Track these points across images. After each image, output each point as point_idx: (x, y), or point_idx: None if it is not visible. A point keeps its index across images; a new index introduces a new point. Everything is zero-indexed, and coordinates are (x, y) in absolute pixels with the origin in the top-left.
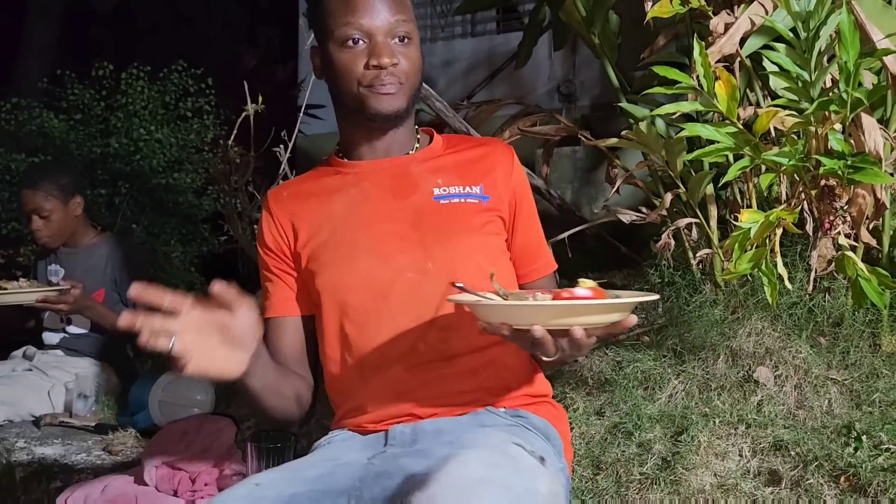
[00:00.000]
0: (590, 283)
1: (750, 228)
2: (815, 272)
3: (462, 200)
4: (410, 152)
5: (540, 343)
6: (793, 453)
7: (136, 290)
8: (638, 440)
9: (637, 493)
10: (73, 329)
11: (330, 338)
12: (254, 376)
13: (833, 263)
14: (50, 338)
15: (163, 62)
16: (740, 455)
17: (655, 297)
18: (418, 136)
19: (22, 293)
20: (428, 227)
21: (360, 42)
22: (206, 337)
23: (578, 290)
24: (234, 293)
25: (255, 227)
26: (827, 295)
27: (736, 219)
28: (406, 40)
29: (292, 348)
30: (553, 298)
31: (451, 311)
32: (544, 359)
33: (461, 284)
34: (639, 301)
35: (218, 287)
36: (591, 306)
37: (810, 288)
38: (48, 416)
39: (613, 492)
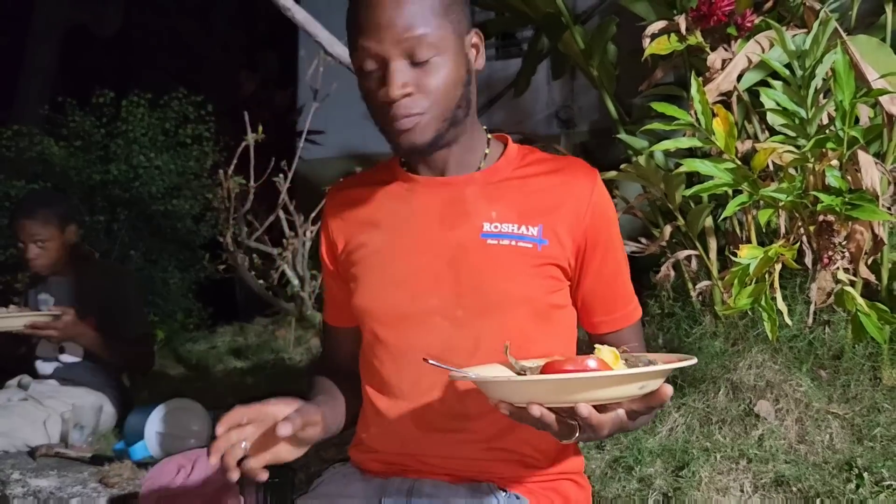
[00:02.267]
0: (607, 350)
1: (749, 264)
2: (815, 305)
3: (513, 243)
4: (475, 171)
5: (539, 423)
6: (794, 489)
7: (229, 421)
8: (639, 475)
9: None
10: (66, 358)
11: (361, 357)
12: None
13: (832, 296)
14: (44, 367)
15: (162, 88)
16: (742, 490)
17: (692, 361)
18: (488, 149)
19: (10, 318)
20: (467, 268)
21: (374, 69)
22: (271, 440)
23: (588, 361)
24: (301, 420)
25: (254, 256)
26: (827, 328)
27: (735, 252)
28: (427, 63)
29: (346, 354)
30: (546, 370)
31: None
32: (562, 441)
33: (512, 359)
34: (653, 371)
35: (285, 429)
36: (595, 379)
37: (810, 321)
38: (44, 447)
39: None
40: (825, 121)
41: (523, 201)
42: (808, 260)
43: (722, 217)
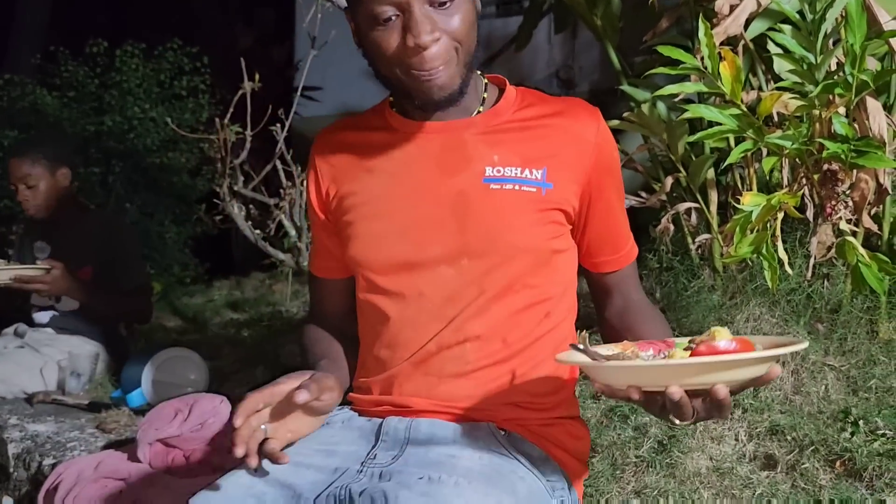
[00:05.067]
0: (724, 331)
1: (752, 212)
2: (815, 259)
3: (516, 187)
4: (473, 115)
5: (676, 407)
6: (789, 438)
7: (246, 409)
8: (634, 423)
9: (632, 476)
10: (62, 307)
11: (359, 305)
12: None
13: (832, 250)
14: (40, 317)
15: (157, 40)
16: (736, 439)
17: (805, 344)
18: (485, 92)
19: None
20: (470, 215)
21: (392, 17)
22: (289, 417)
23: (720, 343)
24: (316, 390)
25: (251, 207)
26: (826, 282)
27: (737, 203)
28: (448, 5)
29: (337, 307)
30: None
31: (480, 320)
32: (677, 422)
33: (580, 346)
34: (791, 350)
35: (303, 396)
36: (739, 361)
37: (809, 274)
38: (41, 394)
39: (609, 475)
40: (833, 67)
41: (525, 144)
42: (810, 213)
43: (726, 164)
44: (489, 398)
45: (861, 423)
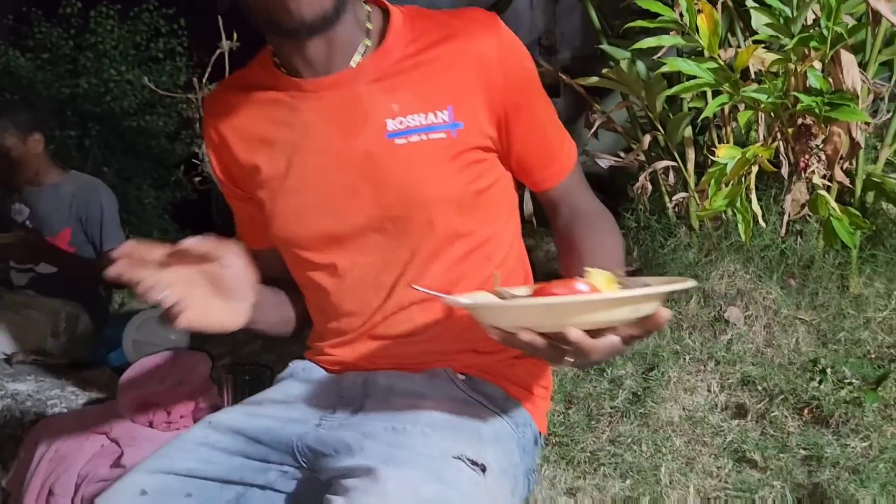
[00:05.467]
0: (598, 273)
1: (726, 164)
2: (789, 216)
3: (423, 137)
4: (357, 58)
5: (533, 348)
6: (759, 388)
7: (128, 246)
8: (610, 376)
9: (607, 426)
10: (41, 269)
11: (296, 280)
12: (257, 323)
13: (806, 207)
14: (18, 278)
15: (133, 1)
16: (709, 390)
17: (689, 284)
18: (368, 24)
19: None
20: (382, 178)
21: None
22: (198, 290)
23: (578, 285)
24: (213, 244)
25: None
26: (799, 238)
27: (713, 153)
28: None
29: (277, 273)
30: (536, 295)
31: (420, 283)
32: (553, 365)
33: (500, 287)
34: (644, 293)
35: (192, 241)
36: (585, 303)
37: (783, 231)
38: (20, 354)
39: (584, 425)
40: (809, 22)
41: (424, 83)
42: (785, 171)
43: (702, 116)
44: (445, 349)
45: (829, 372)
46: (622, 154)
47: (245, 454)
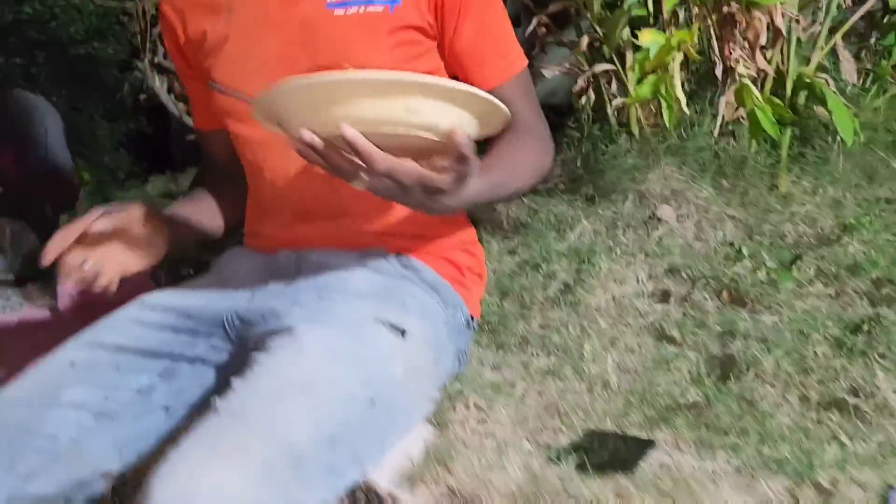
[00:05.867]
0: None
1: (649, 49)
2: (723, 118)
3: (361, 10)
4: None
5: (316, 157)
6: (683, 275)
7: (54, 246)
8: (545, 271)
9: (539, 314)
10: None
11: (239, 157)
12: (178, 245)
13: (740, 110)
14: None
15: None
16: (637, 280)
17: (479, 92)
18: None
19: None
20: (319, 48)
21: None
22: (112, 250)
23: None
24: (118, 218)
25: (171, 77)
26: (732, 140)
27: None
28: None
29: (223, 158)
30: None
31: None
32: (354, 186)
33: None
34: (414, 80)
35: (101, 224)
36: (342, 83)
37: (717, 132)
38: None
39: (517, 314)
40: None
41: None
42: (719, 71)
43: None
44: (379, 230)
45: (749, 257)
46: (567, 64)
47: (174, 328)
